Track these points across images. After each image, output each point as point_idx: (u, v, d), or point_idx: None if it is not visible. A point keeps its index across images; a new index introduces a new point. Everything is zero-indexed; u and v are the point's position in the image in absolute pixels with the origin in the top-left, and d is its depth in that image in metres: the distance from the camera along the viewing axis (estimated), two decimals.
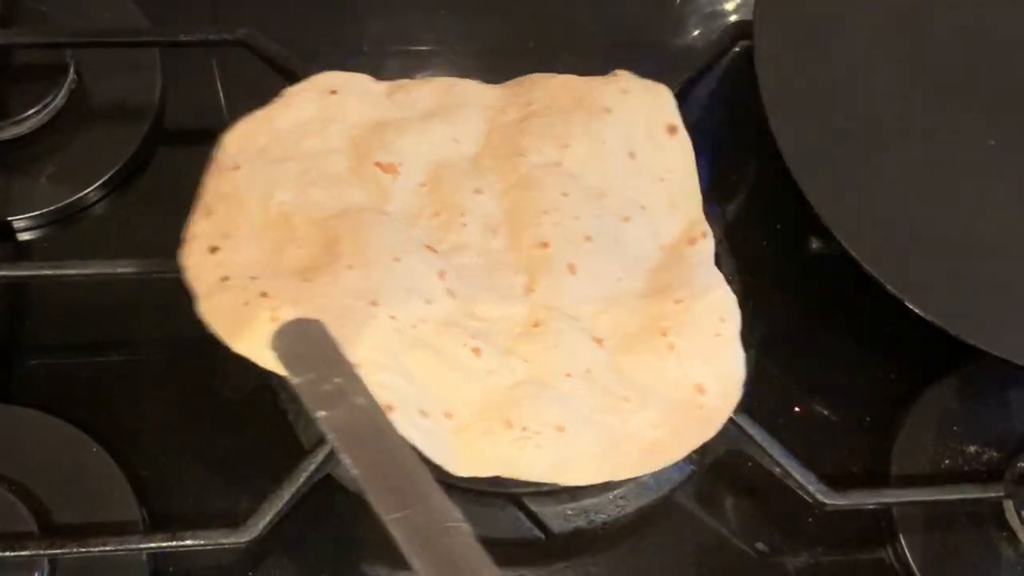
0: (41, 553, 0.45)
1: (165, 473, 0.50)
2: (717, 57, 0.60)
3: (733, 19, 0.66)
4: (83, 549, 0.45)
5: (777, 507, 0.52)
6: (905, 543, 0.51)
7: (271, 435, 0.50)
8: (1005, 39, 0.59)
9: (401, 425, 0.40)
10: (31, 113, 0.56)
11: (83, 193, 0.56)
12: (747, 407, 0.50)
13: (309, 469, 0.46)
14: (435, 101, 0.53)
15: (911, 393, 0.54)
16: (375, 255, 0.44)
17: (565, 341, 0.45)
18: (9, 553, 0.45)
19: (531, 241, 0.48)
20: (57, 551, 0.45)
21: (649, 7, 0.69)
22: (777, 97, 0.53)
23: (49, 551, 0.45)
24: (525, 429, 0.43)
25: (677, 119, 0.53)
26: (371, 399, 0.37)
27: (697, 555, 0.52)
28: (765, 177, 0.55)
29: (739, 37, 0.59)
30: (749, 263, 0.57)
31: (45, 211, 0.55)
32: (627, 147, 0.52)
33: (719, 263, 0.51)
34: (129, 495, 0.49)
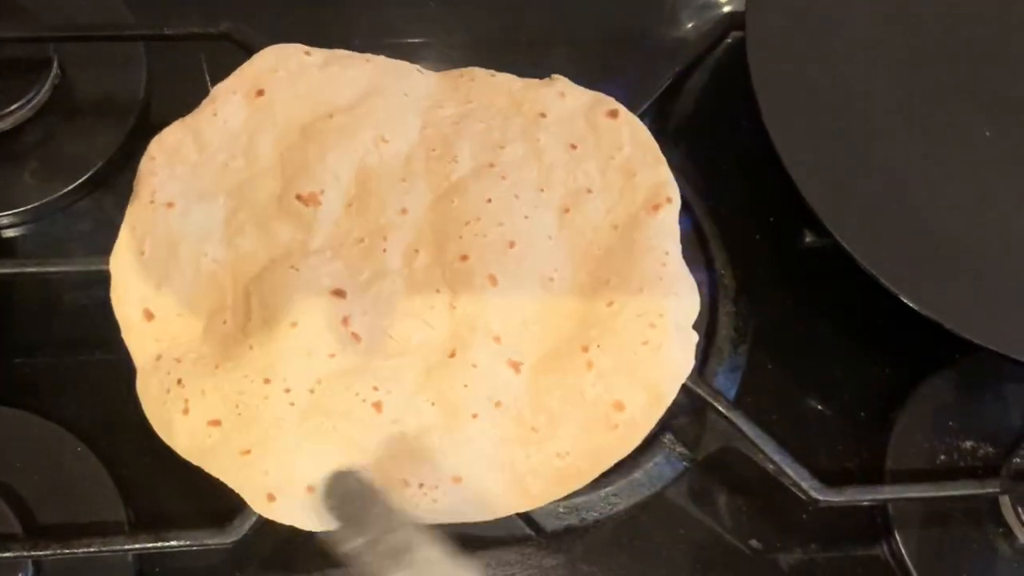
0: (24, 555, 0.45)
1: (151, 473, 0.49)
2: (709, 48, 0.59)
3: (726, 10, 0.66)
4: (67, 550, 0.45)
5: (771, 504, 0.52)
6: (900, 539, 0.50)
7: None
8: (1001, 29, 0.59)
9: (284, 512, 0.43)
10: (14, 108, 0.55)
11: (67, 189, 0.55)
12: (740, 402, 0.50)
13: None
14: (368, 84, 0.52)
15: (906, 388, 0.54)
16: (276, 325, 0.45)
17: (477, 376, 0.45)
18: None
19: (453, 255, 0.47)
20: (41, 552, 0.45)
21: None
22: (770, 89, 0.53)
23: (33, 552, 0.45)
24: (421, 486, 0.43)
25: (618, 105, 0.52)
26: (436, 550, 0.36)
27: (690, 552, 0.51)
28: (758, 170, 0.54)
29: (731, 28, 0.59)
30: (742, 257, 0.57)
31: (28, 208, 0.55)
32: (566, 140, 0.51)
33: (711, 255, 0.50)
34: (114, 495, 0.48)
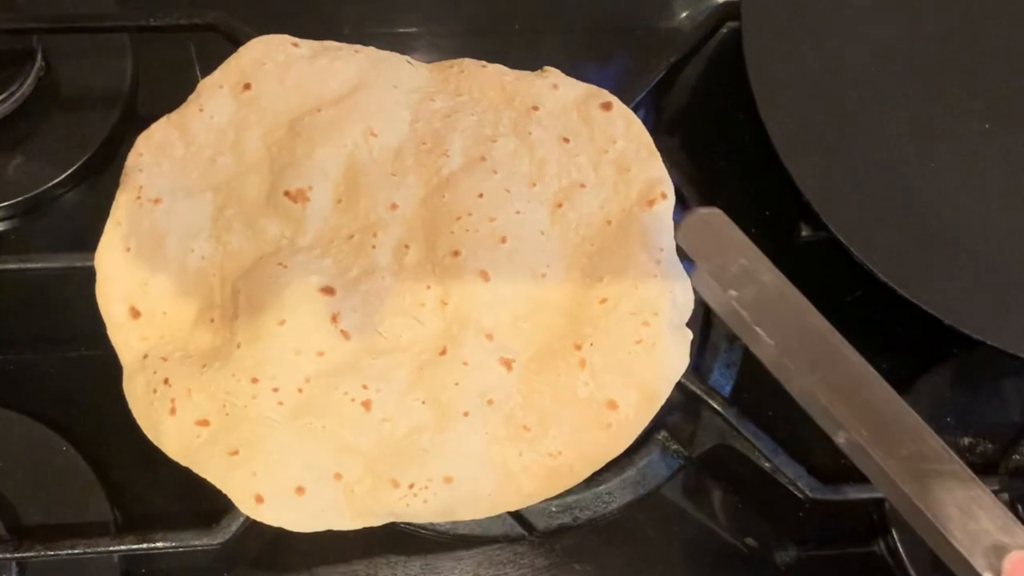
0: (8, 556, 0.44)
1: (137, 472, 0.49)
2: (704, 39, 0.58)
3: (720, 0, 0.65)
4: (52, 552, 0.44)
5: (766, 501, 0.51)
6: (896, 536, 0.50)
7: None
8: (1001, 20, 0.58)
9: (272, 514, 0.42)
10: None
11: (52, 183, 0.55)
12: (735, 399, 0.49)
13: None
14: (357, 76, 0.51)
15: (903, 383, 0.52)
16: (264, 323, 0.44)
17: (468, 374, 0.44)
18: None
19: (444, 251, 0.46)
20: (25, 554, 0.44)
21: None
22: (766, 82, 0.52)
23: (16, 554, 0.44)
24: (412, 486, 0.43)
25: (611, 97, 0.51)
26: (777, 275, 0.44)
27: (685, 551, 0.51)
28: (754, 162, 0.53)
29: (726, 18, 0.58)
30: None
31: (13, 202, 0.54)
32: (559, 134, 0.50)
33: None
34: (100, 495, 0.48)
